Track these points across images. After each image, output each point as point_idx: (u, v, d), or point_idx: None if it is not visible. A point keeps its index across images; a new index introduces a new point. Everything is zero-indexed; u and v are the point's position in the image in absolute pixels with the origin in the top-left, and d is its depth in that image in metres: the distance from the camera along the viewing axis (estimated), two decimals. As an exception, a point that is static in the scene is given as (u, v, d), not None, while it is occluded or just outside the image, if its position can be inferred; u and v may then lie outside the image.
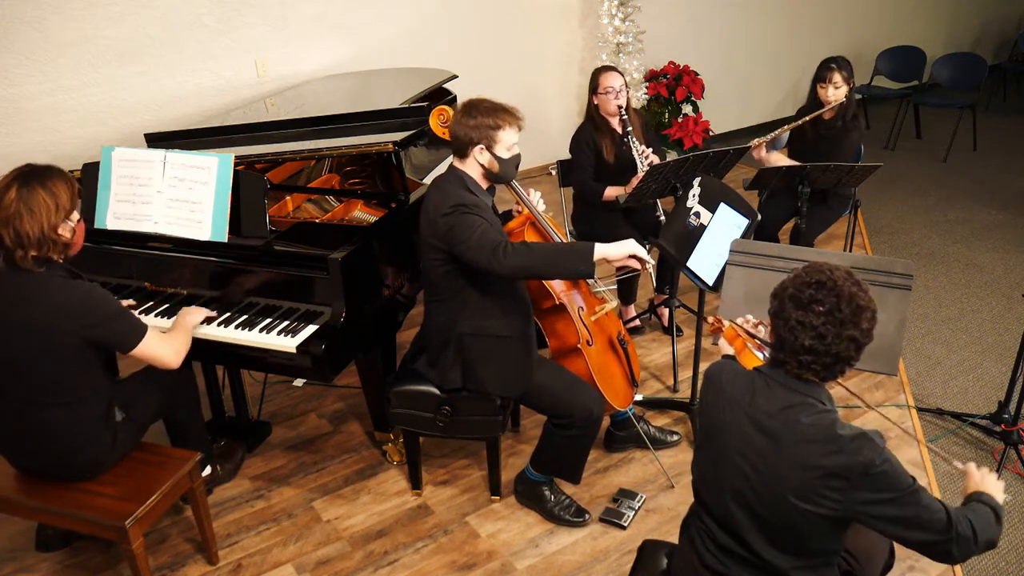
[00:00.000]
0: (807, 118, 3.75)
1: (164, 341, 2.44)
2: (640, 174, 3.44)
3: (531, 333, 2.73)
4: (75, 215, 2.32)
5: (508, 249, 2.40)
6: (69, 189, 2.29)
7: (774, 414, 1.68)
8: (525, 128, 2.61)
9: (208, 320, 2.72)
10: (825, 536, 1.71)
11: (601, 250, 2.42)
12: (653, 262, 2.60)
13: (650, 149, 3.70)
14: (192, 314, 2.65)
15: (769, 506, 1.70)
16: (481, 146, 2.52)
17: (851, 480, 1.60)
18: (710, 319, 2.21)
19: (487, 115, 2.50)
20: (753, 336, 2.04)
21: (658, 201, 3.62)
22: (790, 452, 1.65)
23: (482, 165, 2.55)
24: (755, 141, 3.71)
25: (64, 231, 2.27)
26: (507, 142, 2.54)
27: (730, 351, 2.08)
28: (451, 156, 2.63)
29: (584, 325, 2.85)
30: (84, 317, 2.25)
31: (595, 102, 3.71)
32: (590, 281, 2.81)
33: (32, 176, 2.24)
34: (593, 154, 3.71)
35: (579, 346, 2.80)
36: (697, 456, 1.91)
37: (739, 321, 2.08)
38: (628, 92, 3.69)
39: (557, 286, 2.79)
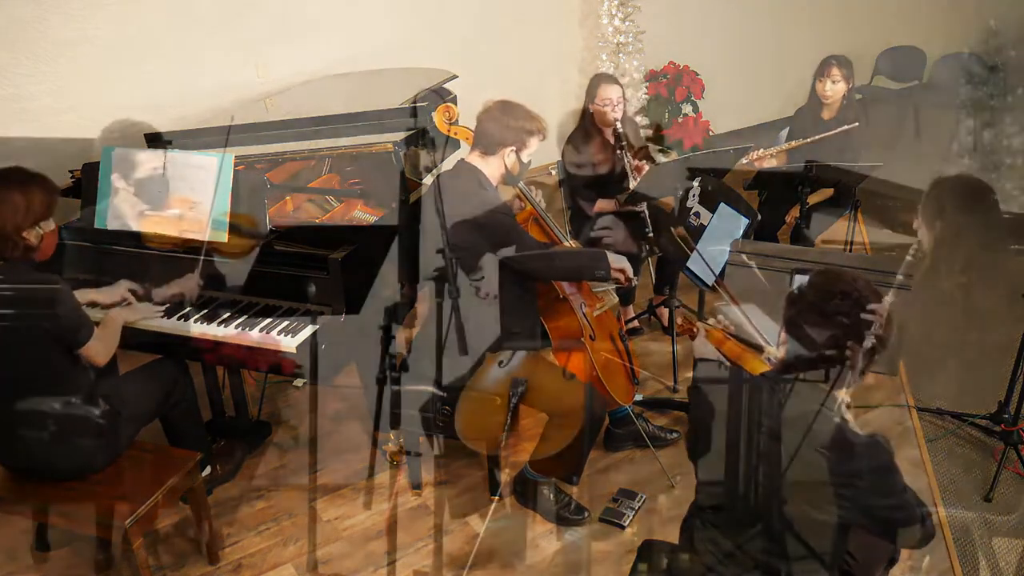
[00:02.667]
0: (815, 138, 3.73)
1: (101, 341, 2.44)
2: (631, 188, 3.39)
3: (539, 331, 2.74)
4: (47, 224, 2.33)
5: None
6: (47, 198, 2.30)
7: (787, 422, 1.68)
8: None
9: (182, 312, 2.72)
10: (831, 538, 1.71)
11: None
12: (636, 281, 2.70)
13: (644, 162, 3.60)
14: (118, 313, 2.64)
15: (777, 508, 1.70)
16: (513, 148, 2.53)
17: (863, 484, 1.62)
18: (679, 320, 2.20)
19: (525, 119, 2.53)
20: (741, 339, 2.03)
21: (645, 209, 3.52)
22: (804, 458, 1.65)
23: (505, 166, 2.56)
24: (759, 151, 3.69)
25: (30, 236, 2.29)
26: (533, 148, 2.59)
27: (710, 354, 2.07)
28: (452, 156, 2.63)
29: (587, 320, 2.85)
30: (50, 304, 2.27)
31: (591, 110, 3.61)
32: None
33: (12, 176, 2.27)
34: (586, 163, 3.61)
35: (583, 340, 2.80)
36: (702, 461, 1.91)
37: (717, 322, 2.08)
38: (625, 104, 3.60)
39: (563, 283, 2.79)
